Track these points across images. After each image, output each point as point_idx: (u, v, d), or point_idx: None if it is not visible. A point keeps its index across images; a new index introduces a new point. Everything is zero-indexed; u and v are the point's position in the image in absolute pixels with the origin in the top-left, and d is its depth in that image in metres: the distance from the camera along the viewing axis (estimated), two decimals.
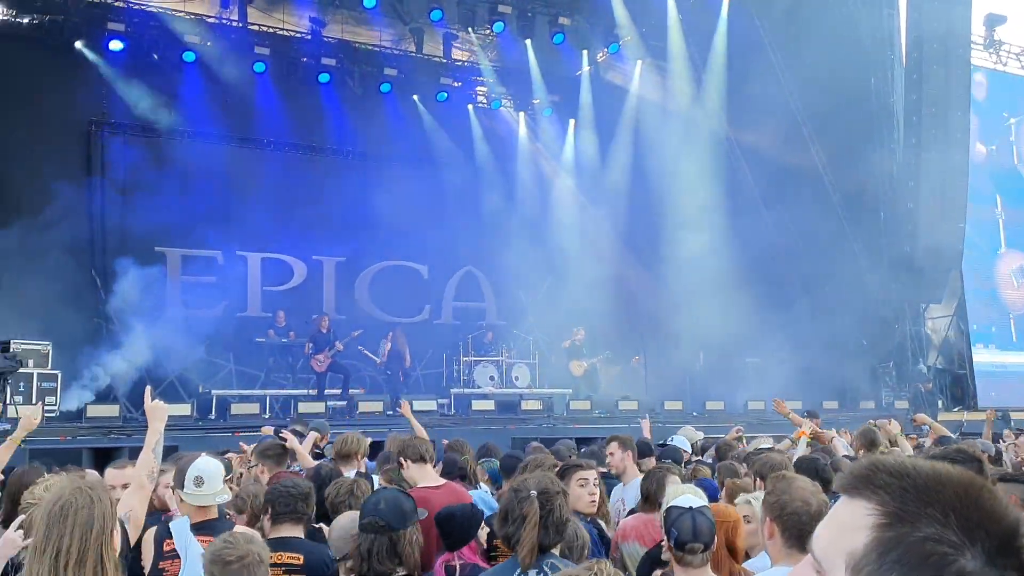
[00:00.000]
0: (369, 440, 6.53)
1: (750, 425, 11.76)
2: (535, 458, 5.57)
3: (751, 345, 18.14)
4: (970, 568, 0.90)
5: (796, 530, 3.08)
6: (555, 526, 3.22)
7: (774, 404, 8.69)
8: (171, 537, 3.58)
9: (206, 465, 3.96)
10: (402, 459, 4.84)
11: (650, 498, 4.71)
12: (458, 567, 3.85)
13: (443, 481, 4.94)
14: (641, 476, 5.29)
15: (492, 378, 17.23)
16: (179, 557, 3.52)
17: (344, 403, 15.34)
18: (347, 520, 3.94)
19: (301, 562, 3.75)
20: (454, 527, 3.86)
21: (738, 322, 17.33)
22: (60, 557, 2.48)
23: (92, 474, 3.11)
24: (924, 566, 0.91)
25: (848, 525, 0.99)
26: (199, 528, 3.74)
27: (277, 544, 3.73)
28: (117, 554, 2.72)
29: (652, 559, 3.83)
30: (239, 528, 3.82)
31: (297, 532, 4.01)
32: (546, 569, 3.14)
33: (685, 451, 7.15)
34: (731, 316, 17.50)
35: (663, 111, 19.56)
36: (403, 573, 3.33)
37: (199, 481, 3.89)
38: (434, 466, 5.14)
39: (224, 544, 2.94)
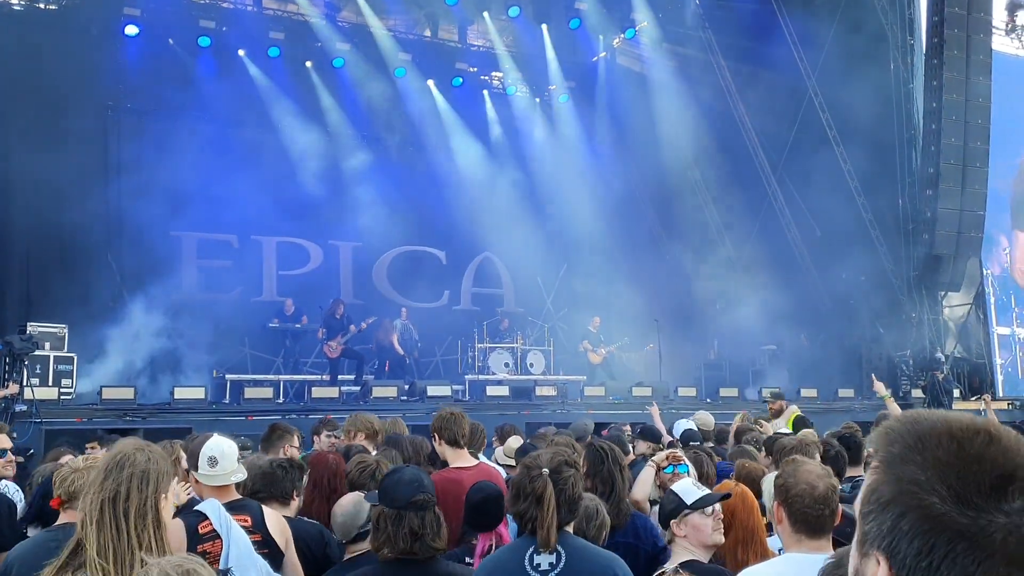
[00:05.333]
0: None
1: (763, 413, 11.67)
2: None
3: (766, 332, 18.04)
4: (936, 508, 0.90)
5: (801, 514, 2.99)
6: (568, 504, 3.17)
7: None
8: (205, 519, 3.49)
9: (218, 445, 3.91)
10: (436, 436, 4.94)
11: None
12: (494, 547, 3.80)
13: (476, 462, 5.02)
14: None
15: (507, 364, 17.15)
16: (220, 537, 3.45)
17: (358, 388, 15.35)
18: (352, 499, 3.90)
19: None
20: (488, 508, 3.80)
21: (753, 309, 17.26)
22: (119, 502, 2.53)
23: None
24: (893, 505, 0.93)
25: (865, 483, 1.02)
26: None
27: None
28: (170, 517, 2.74)
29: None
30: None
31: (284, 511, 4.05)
32: (560, 549, 3.09)
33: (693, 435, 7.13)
34: (746, 303, 17.44)
35: (679, 97, 19.38)
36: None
37: (213, 461, 3.85)
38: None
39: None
